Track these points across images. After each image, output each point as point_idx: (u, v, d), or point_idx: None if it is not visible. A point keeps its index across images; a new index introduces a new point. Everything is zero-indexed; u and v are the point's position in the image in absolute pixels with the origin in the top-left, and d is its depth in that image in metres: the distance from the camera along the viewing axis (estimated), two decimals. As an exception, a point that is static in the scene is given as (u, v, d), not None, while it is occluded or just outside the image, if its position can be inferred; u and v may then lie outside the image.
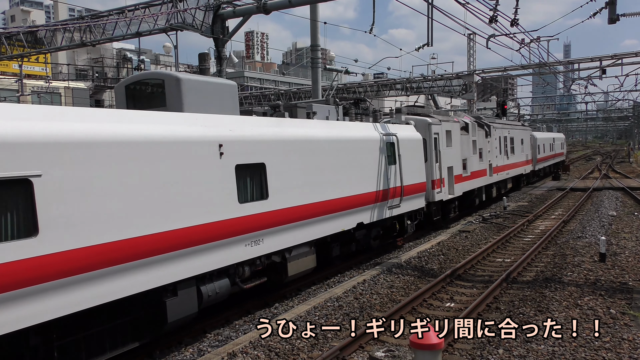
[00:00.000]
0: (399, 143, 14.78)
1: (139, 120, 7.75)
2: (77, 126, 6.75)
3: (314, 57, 18.96)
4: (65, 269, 6.32)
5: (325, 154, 11.64)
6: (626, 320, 8.64)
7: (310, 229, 11.01)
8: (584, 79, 35.23)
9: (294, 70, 79.41)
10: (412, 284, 11.71)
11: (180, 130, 8.13)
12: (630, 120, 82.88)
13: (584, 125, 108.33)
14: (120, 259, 6.94)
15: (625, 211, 21.08)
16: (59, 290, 6.28)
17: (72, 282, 6.42)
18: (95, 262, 6.64)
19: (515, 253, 14.62)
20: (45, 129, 6.35)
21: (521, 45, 22.51)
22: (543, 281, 11.23)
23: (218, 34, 18.94)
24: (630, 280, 11.07)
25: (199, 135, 8.41)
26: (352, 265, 13.68)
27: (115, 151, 7.02)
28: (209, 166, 8.47)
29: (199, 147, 8.33)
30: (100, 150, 6.85)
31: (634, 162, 57.99)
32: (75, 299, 6.50)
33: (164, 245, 7.54)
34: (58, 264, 6.24)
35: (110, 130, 7.09)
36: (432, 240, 16.55)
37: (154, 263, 7.43)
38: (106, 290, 6.84)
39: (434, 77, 39.11)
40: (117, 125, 7.27)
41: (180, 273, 7.88)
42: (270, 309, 10.48)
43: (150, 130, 7.67)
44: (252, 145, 9.50)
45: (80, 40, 24.85)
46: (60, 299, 6.32)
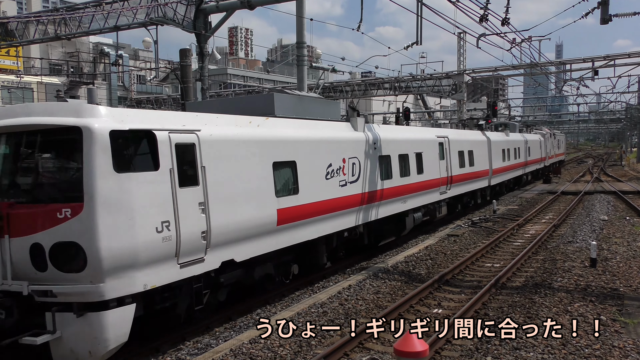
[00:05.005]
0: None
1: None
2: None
3: (299, 55, 18.94)
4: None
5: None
6: (617, 327, 8.77)
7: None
8: (575, 80, 35.70)
9: (279, 68, 79.33)
10: (399, 289, 11.76)
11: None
12: (623, 122, 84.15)
13: (576, 127, 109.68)
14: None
15: (617, 215, 21.40)
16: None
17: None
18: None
19: (504, 258, 14.76)
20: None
21: (512, 45, 22.72)
22: (533, 287, 11.35)
23: (200, 29, 18.89)
24: (621, 286, 11.24)
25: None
26: (337, 270, 13.70)
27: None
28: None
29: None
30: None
31: (626, 166, 58.91)
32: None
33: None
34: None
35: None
36: (420, 244, 16.65)
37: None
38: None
39: (423, 77, 39.32)
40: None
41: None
42: (252, 315, 10.45)
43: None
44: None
45: (55, 34, 24.59)
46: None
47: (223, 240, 9.02)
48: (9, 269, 7.41)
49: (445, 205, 19.92)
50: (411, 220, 16.77)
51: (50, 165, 8.19)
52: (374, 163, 14.34)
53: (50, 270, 7.30)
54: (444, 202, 19.77)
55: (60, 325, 7.29)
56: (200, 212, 8.55)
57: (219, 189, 8.98)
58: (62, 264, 7.26)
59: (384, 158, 14.84)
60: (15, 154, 8.18)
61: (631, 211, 22.68)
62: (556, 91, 56.67)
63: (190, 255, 8.41)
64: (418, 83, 39.99)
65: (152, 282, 7.85)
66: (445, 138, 19.79)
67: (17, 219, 7.37)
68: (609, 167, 59.29)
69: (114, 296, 7.39)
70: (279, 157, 10.71)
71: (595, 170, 50.89)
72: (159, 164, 7.97)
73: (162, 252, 7.90)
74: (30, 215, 7.40)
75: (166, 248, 7.94)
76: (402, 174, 15.75)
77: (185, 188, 8.32)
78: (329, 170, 12.33)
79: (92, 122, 7.40)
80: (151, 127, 8.07)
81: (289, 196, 10.88)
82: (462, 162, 21.38)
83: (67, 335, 7.31)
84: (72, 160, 7.77)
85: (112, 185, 7.36)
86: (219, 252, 9.01)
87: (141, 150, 8.00)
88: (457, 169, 20.70)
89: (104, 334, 7.35)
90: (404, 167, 15.98)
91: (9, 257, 7.39)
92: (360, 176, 13.58)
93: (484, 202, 25.68)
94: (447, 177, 19.50)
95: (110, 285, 7.30)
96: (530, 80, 49.68)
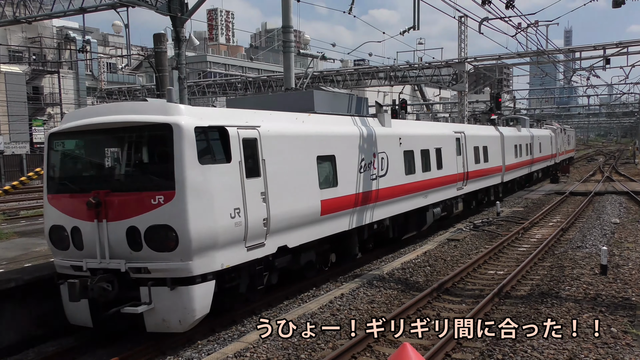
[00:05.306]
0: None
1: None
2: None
3: (286, 40, 18.95)
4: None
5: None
6: (628, 340, 8.93)
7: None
8: (586, 70, 36.01)
9: (264, 55, 79.26)
10: (395, 298, 11.89)
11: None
12: (636, 116, 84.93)
13: (586, 122, 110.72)
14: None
15: (630, 218, 21.69)
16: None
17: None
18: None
19: (508, 264, 14.95)
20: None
21: (517, 30, 22.94)
22: (539, 296, 11.52)
23: (176, 11, 18.80)
24: (634, 295, 11.43)
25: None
26: (329, 278, 13.80)
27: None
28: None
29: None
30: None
31: (639, 164, 59.53)
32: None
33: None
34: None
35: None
36: (418, 249, 16.80)
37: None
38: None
39: (420, 65, 39.53)
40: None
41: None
42: (237, 327, 10.51)
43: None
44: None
45: (14, 17, 24.34)
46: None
47: (279, 227, 10.92)
48: (107, 248, 9.20)
49: (461, 202, 21.60)
50: (431, 215, 18.48)
51: (142, 157, 10.08)
52: (400, 158, 16.19)
53: (144, 250, 9.07)
54: (460, 198, 21.44)
55: (154, 298, 9.06)
56: (261, 201, 10.42)
57: (276, 180, 10.82)
58: (156, 244, 9.01)
59: (407, 153, 16.65)
60: (111, 148, 10.32)
61: (645, 213, 22.99)
62: (565, 82, 57.22)
63: (255, 239, 10.30)
64: (415, 72, 40.16)
65: (227, 262, 9.71)
66: (462, 134, 21.42)
67: (113, 206, 9.12)
68: (621, 165, 59.94)
69: (200, 272, 9.20)
70: (322, 151, 12.61)
71: (607, 169, 51.44)
72: (231, 157, 9.79)
73: (235, 236, 9.78)
74: (126, 202, 9.14)
75: (237, 232, 9.81)
76: (423, 169, 17.60)
77: (250, 179, 10.15)
78: (362, 165, 14.20)
79: (179, 120, 9.14)
80: (224, 123, 9.89)
81: (330, 188, 12.79)
82: (477, 158, 23.00)
83: (160, 307, 9.10)
84: (163, 153, 9.41)
85: (197, 175, 9.12)
86: (275, 238, 10.95)
87: (217, 144, 9.76)
88: (473, 165, 22.32)
89: (192, 306, 9.15)
90: (425, 162, 17.83)
91: (107, 238, 9.15)
92: (388, 171, 15.41)
93: (489, 201, 25.97)
94: (463, 173, 21.08)
95: (197, 263, 9.12)
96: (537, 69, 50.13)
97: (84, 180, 10.27)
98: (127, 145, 9.82)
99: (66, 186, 9.96)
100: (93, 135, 10.14)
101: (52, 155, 10.23)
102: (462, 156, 21.15)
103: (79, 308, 9.55)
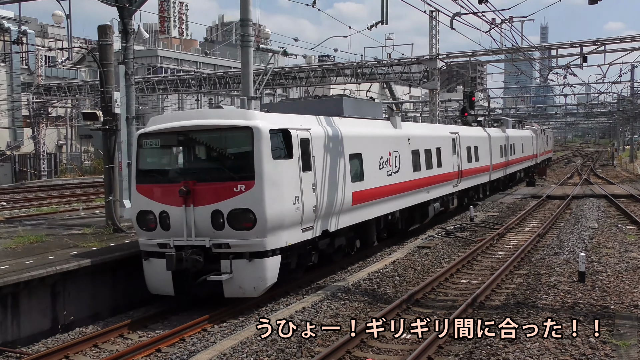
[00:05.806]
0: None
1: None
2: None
3: (244, 34, 18.77)
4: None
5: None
6: (607, 350, 9.09)
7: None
8: (562, 68, 36.78)
9: (220, 50, 78.72)
10: (362, 311, 11.87)
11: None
12: (614, 116, 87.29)
13: (563, 122, 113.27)
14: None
15: (608, 223, 22.24)
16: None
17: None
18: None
19: (483, 273, 15.12)
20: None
21: (491, 26, 23.34)
22: (514, 306, 11.67)
23: (123, 1, 18.51)
24: (612, 303, 11.67)
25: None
26: (289, 290, 13.72)
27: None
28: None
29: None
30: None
31: (618, 165, 61.21)
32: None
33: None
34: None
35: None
36: (386, 258, 16.85)
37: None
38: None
39: (389, 62, 39.72)
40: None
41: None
42: (187, 345, 10.34)
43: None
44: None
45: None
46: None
47: (323, 213, 13.99)
48: (193, 228, 12.04)
49: (456, 198, 24.98)
50: (432, 209, 21.80)
51: (226, 153, 13.12)
52: (409, 157, 19.47)
53: (226, 229, 11.94)
54: (455, 194, 24.83)
55: (234, 269, 11.94)
56: (312, 191, 13.45)
57: (321, 173, 13.93)
58: (237, 225, 11.91)
59: (414, 152, 19.97)
60: (197, 146, 13.41)
61: (624, 217, 23.62)
62: (541, 80, 58.36)
63: (308, 223, 13.33)
64: (384, 69, 40.34)
65: (289, 240, 12.70)
66: (457, 134, 24.95)
67: (200, 193, 11.99)
68: (599, 167, 61.50)
69: (271, 248, 12.15)
70: (352, 149, 15.66)
71: (585, 171, 52.75)
72: (292, 154, 12.84)
73: (295, 219, 12.77)
74: (211, 190, 12.04)
75: (296, 216, 12.80)
76: (427, 167, 20.92)
77: (305, 172, 13.17)
78: (381, 162, 17.34)
79: (258, 123, 12.21)
80: (288, 126, 12.94)
81: (358, 182, 15.86)
82: (470, 157, 26.51)
83: (238, 276, 12.00)
84: (245, 150, 12.34)
85: (271, 168, 12.11)
86: (321, 222, 14.03)
87: (284, 143, 12.77)
88: (466, 164, 25.74)
89: (265, 275, 12.11)
90: (428, 160, 21.14)
91: (193, 220, 11.98)
92: (400, 168, 18.54)
93: (459, 208, 26.33)
94: (458, 171, 24.40)
95: (269, 240, 12.05)
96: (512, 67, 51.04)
97: (172, 172, 13.46)
98: (213, 143, 12.97)
99: (155, 177, 13.20)
100: (182, 135, 13.14)
101: (141, 152, 13.08)
102: (457, 155, 24.49)
103: (162, 279, 12.36)
